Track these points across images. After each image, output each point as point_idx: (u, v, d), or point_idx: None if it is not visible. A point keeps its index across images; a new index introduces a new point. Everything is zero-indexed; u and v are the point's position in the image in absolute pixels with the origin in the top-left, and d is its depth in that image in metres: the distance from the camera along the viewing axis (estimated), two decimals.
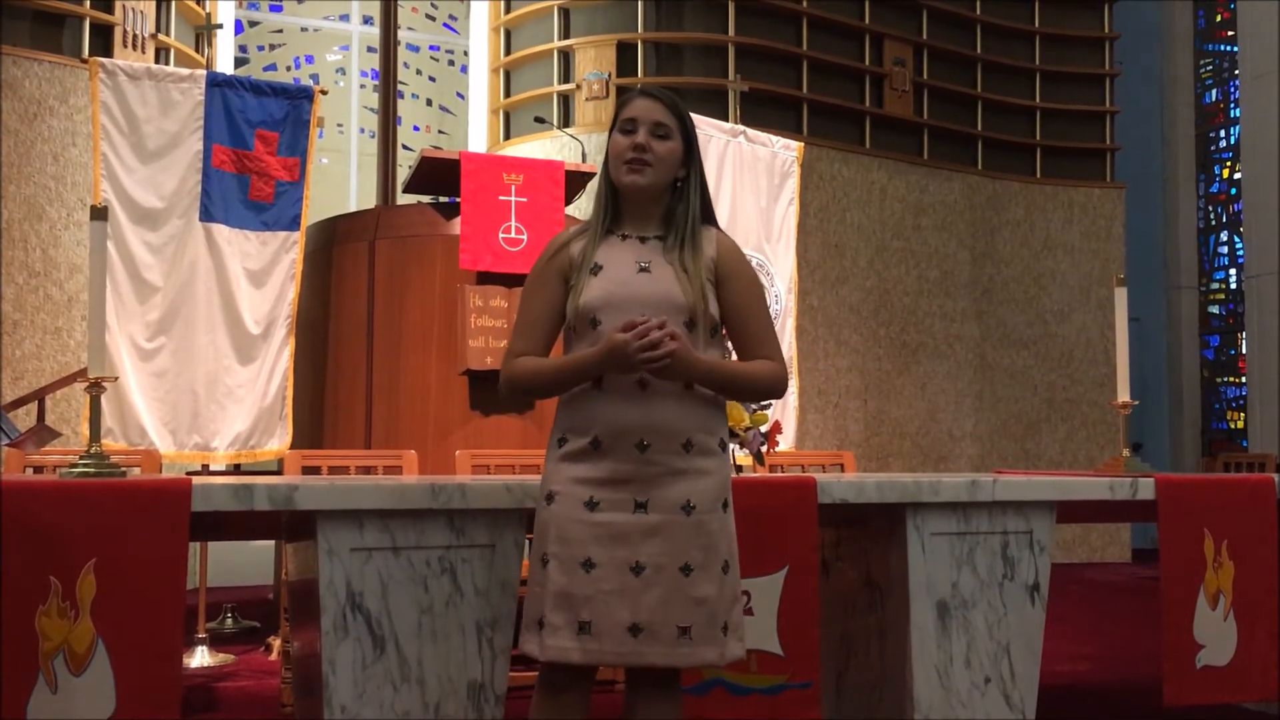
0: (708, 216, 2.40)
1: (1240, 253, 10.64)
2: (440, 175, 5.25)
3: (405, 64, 9.60)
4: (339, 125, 9.86)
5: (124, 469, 2.65)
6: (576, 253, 2.34)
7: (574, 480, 2.25)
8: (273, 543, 5.89)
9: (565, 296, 2.34)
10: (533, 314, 2.36)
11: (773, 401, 2.69)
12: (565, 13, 8.18)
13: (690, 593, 2.22)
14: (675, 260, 2.31)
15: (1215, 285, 11.21)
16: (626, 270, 2.30)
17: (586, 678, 2.30)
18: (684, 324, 2.27)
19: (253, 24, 9.71)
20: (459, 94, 10.19)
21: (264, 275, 5.23)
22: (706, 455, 2.29)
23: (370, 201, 7.29)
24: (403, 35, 8.50)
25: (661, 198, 2.36)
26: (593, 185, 5.36)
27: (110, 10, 6.56)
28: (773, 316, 6.09)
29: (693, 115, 2.47)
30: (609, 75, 7.90)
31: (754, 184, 6.16)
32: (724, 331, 2.38)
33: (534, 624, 2.25)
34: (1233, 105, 10.95)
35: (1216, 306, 11.23)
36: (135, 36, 6.63)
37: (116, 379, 4.82)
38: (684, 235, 2.33)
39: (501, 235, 5.05)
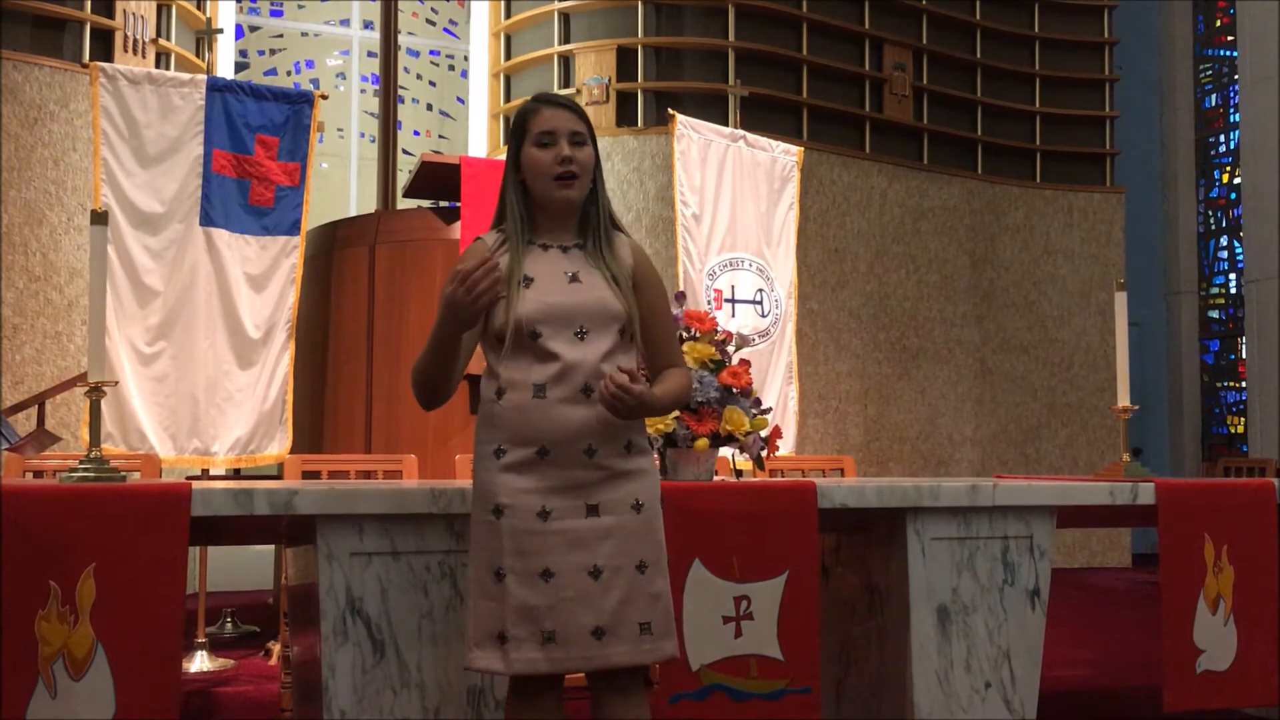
0: (614, 219, 2.46)
1: (1240, 258, 10.63)
2: (440, 180, 5.25)
3: (405, 69, 9.60)
4: (339, 130, 9.86)
5: (124, 474, 2.65)
6: (504, 266, 2.35)
7: (521, 491, 2.26)
8: (272, 547, 5.89)
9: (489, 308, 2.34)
10: None
11: (772, 406, 2.71)
12: (565, 18, 8.18)
13: (647, 589, 2.27)
14: (602, 268, 2.37)
15: (1215, 290, 11.20)
16: (557, 281, 2.34)
17: (556, 683, 2.32)
18: (617, 331, 2.33)
19: (253, 29, 9.71)
20: (459, 99, 10.19)
21: (264, 280, 5.24)
22: (643, 455, 2.36)
23: (370, 206, 7.30)
24: (403, 40, 8.51)
25: (580, 206, 2.40)
26: None
27: (111, 15, 6.56)
28: (773, 321, 6.18)
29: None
30: (609, 80, 7.90)
31: (754, 189, 6.16)
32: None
33: (492, 638, 2.24)
34: (1232, 110, 10.95)
35: (1216, 311, 11.23)
36: (136, 41, 6.63)
37: (116, 383, 4.83)
38: (600, 241, 2.39)
39: None
